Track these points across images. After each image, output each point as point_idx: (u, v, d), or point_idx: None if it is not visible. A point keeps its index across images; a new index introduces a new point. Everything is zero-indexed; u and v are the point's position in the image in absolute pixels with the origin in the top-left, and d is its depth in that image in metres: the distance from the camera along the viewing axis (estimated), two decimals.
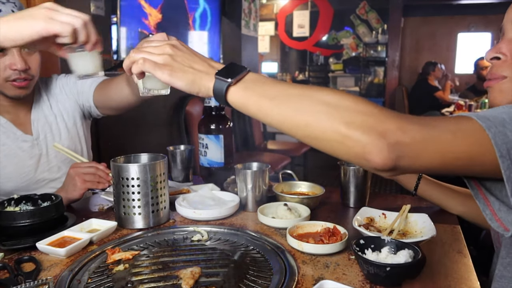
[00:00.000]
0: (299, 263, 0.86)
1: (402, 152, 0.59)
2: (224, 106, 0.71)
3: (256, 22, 4.57)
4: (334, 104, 0.63)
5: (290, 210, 1.09)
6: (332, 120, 0.62)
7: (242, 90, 0.69)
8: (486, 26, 6.54)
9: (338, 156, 0.64)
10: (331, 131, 0.62)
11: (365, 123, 0.60)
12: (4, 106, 1.32)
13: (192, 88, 0.71)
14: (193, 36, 3.34)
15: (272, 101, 0.66)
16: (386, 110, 0.63)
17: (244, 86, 0.69)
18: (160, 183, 1.07)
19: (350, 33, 7.92)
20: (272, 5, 8.20)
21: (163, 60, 0.71)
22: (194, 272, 0.80)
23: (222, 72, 0.70)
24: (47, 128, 1.40)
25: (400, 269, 0.76)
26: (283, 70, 9.16)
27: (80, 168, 1.22)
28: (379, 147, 0.59)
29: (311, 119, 0.63)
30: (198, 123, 1.47)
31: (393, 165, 0.60)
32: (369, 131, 0.60)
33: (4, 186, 1.31)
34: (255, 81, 0.70)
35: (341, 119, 0.61)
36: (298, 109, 0.64)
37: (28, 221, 0.96)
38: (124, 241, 0.99)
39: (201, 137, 1.45)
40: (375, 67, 7.44)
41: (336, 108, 0.62)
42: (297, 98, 0.66)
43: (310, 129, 0.64)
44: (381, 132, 0.59)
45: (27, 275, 0.80)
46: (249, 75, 0.70)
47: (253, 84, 0.69)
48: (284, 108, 0.65)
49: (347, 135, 0.60)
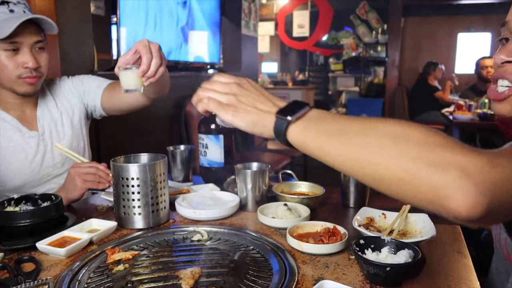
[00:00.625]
0: (299, 263, 0.86)
1: (495, 194, 0.47)
2: (288, 147, 0.67)
3: (256, 22, 4.58)
4: (399, 136, 0.53)
5: (290, 210, 1.09)
6: (396, 155, 0.52)
7: (302, 128, 0.64)
8: (486, 26, 6.54)
9: (409, 202, 0.54)
10: (395, 168, 0.52)
11: (440, 158, 0.49)
12: (10, 104, 1.35)
13: (255, 128, 0.68)
14: (193, 36, 3.33)
15: (331, 139, 0.60)
16: (462, 143, 0.51)
17: (304, 124, 0.64)
18: (160, 183, 1.07)
19: (350, 33, 7.93)
20: (272, 5, 8.20)
21: (228, 100, 0.70)
22: (194, 272, 0.80)
23: (284, 110, 0.66)
24: (52, 124, 1.43)
25: (400, 269, 0.76)
26: (283, 70, 9.17)
27: (81, 168, 1.23)
28: (463, 189, 0.47)
29: (371, 155, 0.55)
30: (198, 123, 1.47)
31: (484, 212, 0.47)
32: (445, 167, 0.48)
33: (11, 182, 1.33)
34: (316, 118, 0.64)
35: (408, 153, 0.51)
36: (358, 145, 0.57)
37: (28, 221, 0.96)
38: (124, 241, 0.99)
39: (201, 137, 1.45)
40: (375, 67, 7.44)
41: (401, 141, 0.53)
42: (358, 133, 0.58)
43: (372, 168, 0.55)
44: (463, 168, 0.47)
45: (27, 275, 0.80)
46: (311, 112, 0.65)
47: (313, 122, 0.64)
48: (343, 145, 0.59)
49: (415, 174, 0.50)
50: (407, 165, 0.50)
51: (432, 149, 0.50)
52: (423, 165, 0.49)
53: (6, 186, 1.33)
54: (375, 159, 0.54)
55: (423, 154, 0.50)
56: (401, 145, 0.52)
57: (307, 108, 0.66)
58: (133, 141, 2.46)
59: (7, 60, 1.25)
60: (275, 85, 7.89)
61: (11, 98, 1.35)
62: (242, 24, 4.19)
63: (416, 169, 0.50)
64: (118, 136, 2.22)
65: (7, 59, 1.25)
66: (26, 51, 1.26)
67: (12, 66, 1.26)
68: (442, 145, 0.51)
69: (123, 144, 2.37)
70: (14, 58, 1.25)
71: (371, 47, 7.54)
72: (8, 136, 1.33)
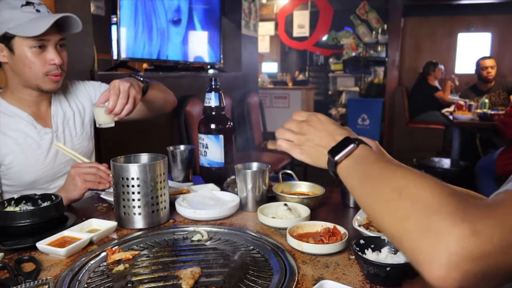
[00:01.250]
0: (299, 263, 0.86)
1: (474, 267, 0.44)
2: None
3: (256, 22, 4.57)
4: (420, 201, 0.52)
5: (290, 210, 1.09)
6: (404, 216, 0.52)
7: (345, 168, 0.70)
8: (486, 26, 6.53)
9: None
10: (389, 227, 0.54)
11: (425, 222, 0.49)
12: (26, 101, 1.40)
13: (317, 163, 0.78)
14: (193, 36, 3.33)
15: (361, 184, 0.65)
16: (460, 197, 0.50)
17: (347, 164, 0.70)
18: (160, 183, 1.07)
19: (350, 33, 7.93)
20: (272, 5, 8.20)
21: (297, 140, 0.80)
22: (194, 272, 0.80)
23: (333, 149, 0.72)
24: (65, 122, 1.48)
25: (400, 269, 0.76)
26: (283, 70, 9.16)
27: (81, 168, 1.23)
28: (434, 258, 0.46)
29: (379, 207, 0.58)
30: (198, 123, 1.47)
31: (457, 285, 0.45)
32: (424, 233, 0.48)
33: (26, 177, 1.37)
34: (360, 158, 0.69)
35: (407, 214, 0.52)
36: (376, 194, 0.60)
37: (28, 221, 0.96)
38: (124, 241, 0.99)
39: (201, 137, 1.45)
40: (375, 67, 7.43)
41: (417, 207, 0.52)
42: (385, 186, 0.59)
43: (378, 219, 0.58)
44: (441, 236, 0.46)
45: (27, 275, 0.80)
46: (357, 151, 0.70)
47: (355, 162, 0.69)
48: (364, 196, 0.63)
49: (402, 235, 0.52)
50: (400, 225, 0.52)
51: (425, 211, 0.50)
52: (411, 228, 0.50)
53: (21, 181, 1.37)
54: (381, 210, 0.57)
55: (416, 217, 0.50)
56: (415, 211, 0.51)
57: (353, 147, 0.71)
58: (133, 141, 2.45)
59: (35, 58, 1.30)
60: (275, 85, 7.88)
61: (28, 96, 1.39)
62: (242, 24, 4.19)
63: (404, 230, 0.51)
64: (118, 136, 2.21)
65: (34, 56, 1.29)
66: (52, 48, 1.32)
67: (40, 63, 1.31)
68: (435, 206, 0.49)
69: (123, 144, 2.36)
70: (41, 56, 1.30)
71: (371, 47, 7.53)
72: (25, 132, 1.37)
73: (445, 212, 0.47)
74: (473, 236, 0.44)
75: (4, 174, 1.36)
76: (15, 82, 1.36)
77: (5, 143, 1.33)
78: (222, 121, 1.44)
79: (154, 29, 2.82)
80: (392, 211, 0.54)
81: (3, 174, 1.36)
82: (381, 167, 0.64)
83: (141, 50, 2.73)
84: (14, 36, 1.27)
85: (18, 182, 1.37)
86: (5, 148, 1.33)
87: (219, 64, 3.74)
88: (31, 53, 1.29)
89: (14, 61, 1.31)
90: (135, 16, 2.63)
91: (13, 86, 1.37)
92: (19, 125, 1.36)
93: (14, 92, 1.38)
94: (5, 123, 1.34)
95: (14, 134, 1.35)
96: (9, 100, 1.38)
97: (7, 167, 1.34)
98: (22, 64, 1.30)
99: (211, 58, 3.62)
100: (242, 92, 4.14)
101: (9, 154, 1.33)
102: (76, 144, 1.49)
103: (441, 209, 0.48)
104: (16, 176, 1.36)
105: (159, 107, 1.61)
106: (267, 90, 7.29)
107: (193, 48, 3.33)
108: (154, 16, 2.84)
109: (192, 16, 3.30)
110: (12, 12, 1.26)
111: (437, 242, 0.45)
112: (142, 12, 2.70)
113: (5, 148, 1.33)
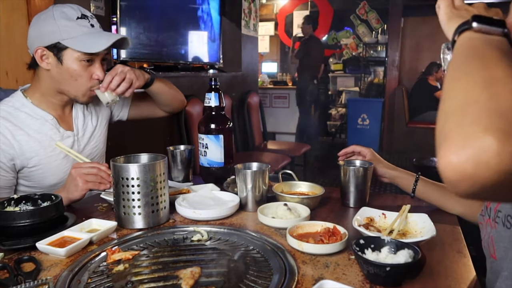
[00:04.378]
0: (299, 263, 0.86)
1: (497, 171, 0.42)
2: None
3: (256, 22, 4.57)
4: (492, 81, 0.48)
5: (290, 210, 1.09)
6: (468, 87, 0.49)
7: (469, 39, 0.62)
8: None
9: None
10: (454, 95, 0.50)
11: (477, 119, 0.45)
12: (54, 104, 1.40)
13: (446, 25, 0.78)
14: (193, 36, 3.33)
15: (468, 61, 0.56)
16: None
17: (475, 36, 0.62)
18: (160, 183, 1.07)
19: (350, 33, 7.93)
20: (272, 5, 8.21)
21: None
22: (194, 272, 0.80)
23: (484, 18, 0.63)
24: (85, 126, 1.49)
25: (400, 269, 0.76)
26: (283, 70, 9.16)
27: (82, 169, 1.22)
28: (458, 147, 0.44)
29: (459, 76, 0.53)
30: (198, 123, 1.47)
31: (464, 180, 0.43)
32: (471, 125, 0.45)
33: (48, 180, 1.37)
34: (487, 42, 0.60)
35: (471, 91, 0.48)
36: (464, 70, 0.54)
37: (28, 221, 0.96)
38: (124, 241, 0.99)
39: (201, 137, 1.45)
40: (375, 67, 7.44)
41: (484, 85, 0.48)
42: (475, 60, 0.55)
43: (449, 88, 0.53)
44: (485, 133, 0.43)
45: (27, 275, 0.80)
46: (495, 37, 0.61)
47: (483, 42, 0.60)
48: (464, 67, 0.55)
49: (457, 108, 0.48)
50: (468, 102, 0.47)
51: (501, 111, 0.44)
52: (474, 111, 0.45)
53: (43, 183, 1.37)
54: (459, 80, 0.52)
55: (488, 104, 0.45)
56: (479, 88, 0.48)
57: (499, 31, 0.61)
58: (133, 141, 2.45)
59: (82, 71, 1.31)
60: (275, 85, 7.87)
61: (58, 100, 1.39)
62: (242, 24, 4.19)
63: (467, 110, 0.46)
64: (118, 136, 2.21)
65: (81, 69, 1.31)
66: (98, 64, 1.35)
67: (86, 77, 1.33)
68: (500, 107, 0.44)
69: (123, 144, 2.36)
70: (87, 69, 1.33)
71: (371, 47, 7.53)
72: (49, 135, 1.36)
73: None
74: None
75: (25, 176, 1.35)
76: (50, 87, 1.35)
77: (30, 146, 1.32)
78: (222, 121, 1.44)
79: (154, 29, 2.82)
80: (475, 86, 0.49)
81: (23, 176, 1.35)
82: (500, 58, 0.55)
83: (141, 50, 2.73)
84: (67, 47, 1.27)
85: (39, 184, 1.36)
86: (30, 150, 1.32)
87: (219, 64, 3.74)
88: (79, 66, 1.30)
89: (61, 71, 1.30)
90: (135, 16, 2.63)
91: (45, 91, 1.36)
92: (43, 128, 1.35)
93: (45, 96, 1.37)
94: (30, 125, 1.33)
95: (39, 136, 1.34)
96: (36, 102, 1.36)
97: (30, 169, 1.33)
98: (68, 75, 1.31)
99: (211, 58, 3.61)
100: (242, 92, 4.14)
101: (34, 156, 1.32)
102: (93, 147, 1.50)
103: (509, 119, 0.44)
104: (38, 178, 1.35)
105: (166, 101, 1.63)
106: (267, 90, 7.28)
107: (193, 48, 3.33)
108: (154, 16, 2.84)
109: (192, 16, 3.30)
110: (67, 23, 1.26)
111: (485, 137, 0.42)
112: (142, 12, 2.71)
113: (30, 151, 1.32)
